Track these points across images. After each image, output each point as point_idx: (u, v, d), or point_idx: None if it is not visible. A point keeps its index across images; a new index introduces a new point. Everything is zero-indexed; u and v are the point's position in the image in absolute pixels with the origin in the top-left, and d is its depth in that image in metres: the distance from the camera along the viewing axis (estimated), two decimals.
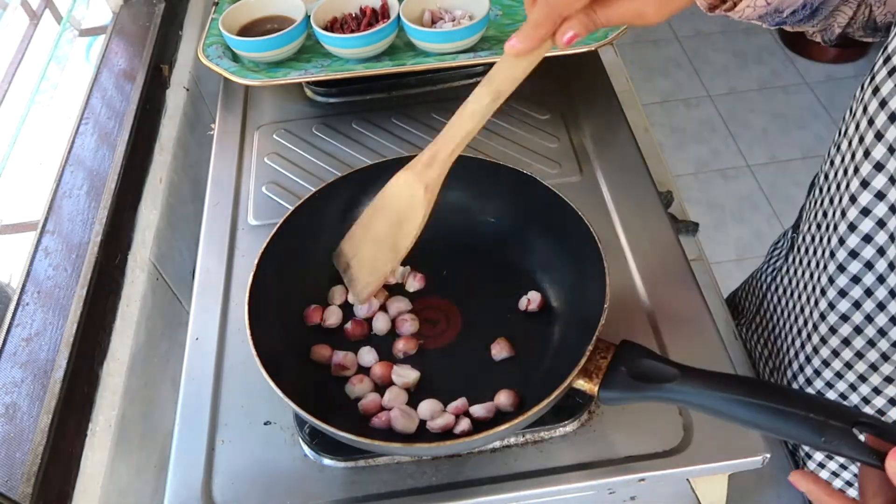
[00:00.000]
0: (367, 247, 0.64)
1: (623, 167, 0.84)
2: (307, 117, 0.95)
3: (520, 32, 0.50)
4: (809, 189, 0.72)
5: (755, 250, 2.10)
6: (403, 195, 0.60)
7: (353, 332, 0.67)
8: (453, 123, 0.57)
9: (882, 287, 0.60)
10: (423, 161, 0.59)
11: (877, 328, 0.62)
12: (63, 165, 0.85)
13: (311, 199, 0.70)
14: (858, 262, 0.61)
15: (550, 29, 0.49)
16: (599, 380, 0.54)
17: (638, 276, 0.73)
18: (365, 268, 0.65)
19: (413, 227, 0.60)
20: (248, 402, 0.67)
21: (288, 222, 0.68)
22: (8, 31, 0.92)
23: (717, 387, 0.49)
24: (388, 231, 0.62)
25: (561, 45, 0.50)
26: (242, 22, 0.93)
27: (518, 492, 0.60)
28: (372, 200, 0.63)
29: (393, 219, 0.61)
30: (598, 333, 0.56)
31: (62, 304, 0.72)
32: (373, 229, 0.63)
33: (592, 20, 0.49)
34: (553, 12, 0.49)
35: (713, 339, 0.68)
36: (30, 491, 0.60)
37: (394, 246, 0.62)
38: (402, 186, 0.60)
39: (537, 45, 0.50)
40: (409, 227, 0.60)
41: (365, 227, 0.64)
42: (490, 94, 0.54)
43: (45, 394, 0.66)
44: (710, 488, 0.66)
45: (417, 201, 0.59)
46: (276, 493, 0.61)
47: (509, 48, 0.51)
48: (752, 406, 0.46)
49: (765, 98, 2.54)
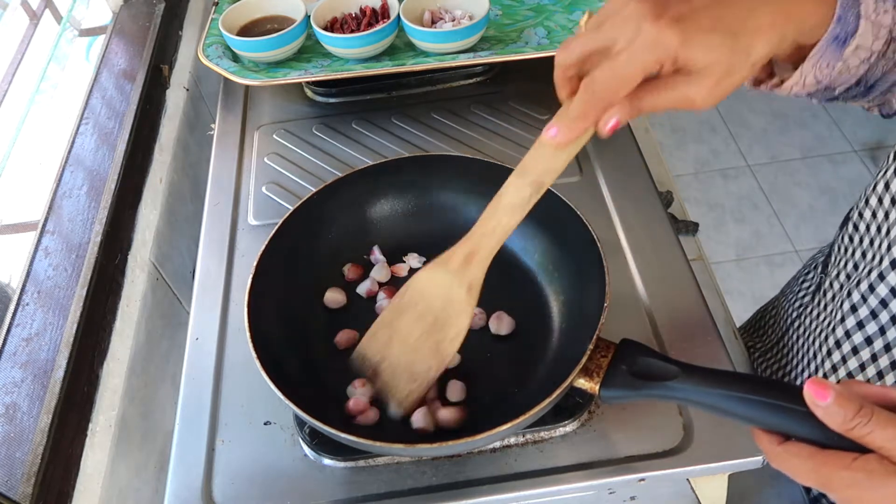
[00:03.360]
0: (399, 350, 0.59)
1: (623, 167, 0.84)
2: (307, 117, 0.95)
3: (560, 123, 0.47)
4: (843, 223, 0.69)
5: (755, 250, 2.10)
6: (440, 295, 0.56)
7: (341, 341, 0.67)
8: (490, 216, 0.54)
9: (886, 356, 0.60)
10: (460, 259, 0.55)
11: None
12: (63, 165, 0.86)
13: (311, 199, 0.70)
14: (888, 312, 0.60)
15: (594, 120, 0.46)
16: (600, 378, 0.54)
17: (638, 276, 0.73)
18: (402, 375, 0.59)
19: (458, 331, 0.56)
20: (248, 402, 0.67)
21: (287, 223, 0.68)
22: (8, 31, 0.92)
23: (718, 384, 0.48)
24: (424, 333, 0.57)
25: (603, 133, 0.47)
26: (242, 22, 0.93)
27: (518, 492, 0.60)
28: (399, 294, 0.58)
29: (428, 320, 0.57)
30: (598, 332, 0.56)
31: (62, 304, 0.73)
32: (402, 330, 0.58)
33: (636, 107, 0.46)
34: (598, 103, 0.46)
35: (713, 339, 0.68)
36: (30, 491, 0.60)
37: (435, 350, 0.57)
38: (438, 285, 0.56)
39: (580, 136, 0.48)
40: (452, 331, 0.56)
41: (391, 328, 0.59)
42: (530, 187, 0.51)
43: (45, 394, 0.66)
44: (710, 488, 0.66)
45: (460, 304, 0.56)
46: (276, 493, 0.61)
47: (550, 140, 0.48)
48: (754, 403, 0.45)
49: (765, 98, 2.54)
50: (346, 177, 0.72)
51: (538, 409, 0.53)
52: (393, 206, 0.75)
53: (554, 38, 0.90)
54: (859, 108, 0.59)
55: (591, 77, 0.46)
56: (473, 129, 0.90)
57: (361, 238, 0.74)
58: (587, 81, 0.46)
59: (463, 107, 0.93)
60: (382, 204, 0.75)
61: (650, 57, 0.44)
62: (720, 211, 2.22)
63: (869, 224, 0.63)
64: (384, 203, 0.75)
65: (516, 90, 0.95)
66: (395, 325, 0.59)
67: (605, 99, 0.46)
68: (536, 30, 0.92)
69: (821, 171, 2.29)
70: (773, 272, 2.05)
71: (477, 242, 0.55)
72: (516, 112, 0.92)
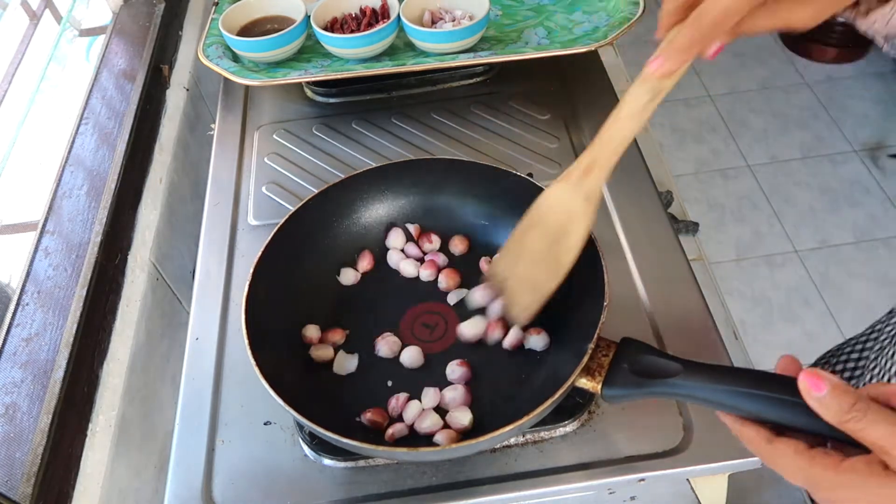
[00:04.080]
0: (524, 266, 0.61)
1: (623, 167, 0.84)
2: (307, 117, 0.95)
3: (666, 54, 0.48)
4: None
5: (755, 250, 2.10)
6: (560, 208, 0.57)
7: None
8: (609, 127, 0.54)
9: None
10: (581, 169, 0.55)
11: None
12: (63, 165, 0.85)
13: (312, 200, 0.70)
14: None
15: (700, 50, 0.47)
16: (602, 377, 0.54)
17: (638, 276, 0.73)
18: (525, 288, 0.61)
19: (576, 240, 0.57)
20: (248, 402, 0.67)
21: (288, 224, 0.68)
22: (8, 31, 0.92)
23: (720, 379, 0.48)
24: (547, 248, 0.59)
25: (707, 56, 0.48)
26: (242, 22, 0.93)
27: (518, 492, 0.60)
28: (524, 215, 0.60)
29: (551, 235, 0.58)
30: (598, 331, 0.56)
31: (62, 304, 0.72)
32: (528, 247, 0.60)
33: (738, 31, 0.47)
34: (706, 35, 0.46)
35: (713, 339, 0.68)
36: (30, 491, 0.60)
37: (555, 262, 0.58)
38: (559, 199, 0.57)
39: (684, 65, 0.49)
40: (570, 241, 0.57)
41: (518, 244, 0.61)
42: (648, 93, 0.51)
43: (45, 394, 0.66)
44: (710, 488, 0.66)
45: (578, 213, 0.56)
46: (276, 493, 0.61)
47: (654, 70, 0.49)
48: (757, 397, 0.45)
49: (765, 98, 2.54)
50: (347, 178, 0.72)
51: (540, 409, 0.53)
52: (394, 208, 0.75)
53: (554, 38, 0.90)
54: (859, 108, 0.59)
55: (701, 10, 0.46)
56: (473, 129, 0.90)
57: (362, 239, 0.74)
58: (696, 14, 0.46)
59: (463, 107, 0.93)
60: (383, 206, 0.75)
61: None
62: (720, 211, 2.22)
63: None
64: (385, 205, 0.75)
65: (516, 90, 0.94)
66: (522, 242, 0.61)
67: (714, 31, 0.46)
68: (536, 30, 0.92)
69: (821, 171, 2.29)
70: (773, 272, 2.04)
71: (596, 152, 0.55)
72: (516, 112, 0.92)
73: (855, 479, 0.40)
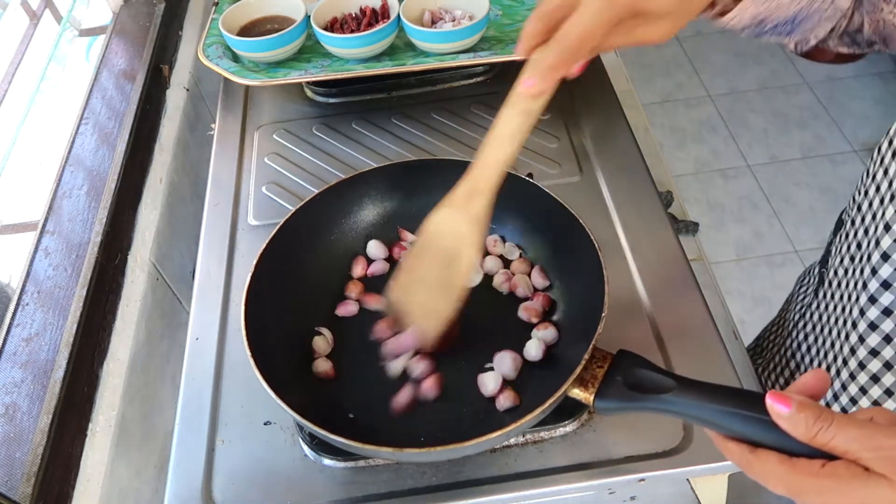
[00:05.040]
0: (418, 292, 0.61)
1: (623, 167, 0.84)
2: (307, 117, 0.95)
3: (535, 74, 0.50)
4: (837, 226, 0.70)
5: (755, 250, 2.10)
6: (448, 233, 0.57)
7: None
8: (485, 150, 0.55)
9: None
10: (462, 196, 0.56)
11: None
12: (63, 165, 0.86)
13: (312, 201, 0.70)
14: (891, 293, 0.60)
15: (566, 69, 0.50)
16: (595, 389, 0.54)
17: (638, 276, 0.73)
18: (425, 314, 0.61)
19: (464, 264, 0.57)
20: (248, 402, 0.67)
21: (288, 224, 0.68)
22: (8, 31, 0.92)
23: (714, 399, 0.48)
24: (439, 273, 0.59)
25: (572, 75, 0.51)
26: (242, 22, 0.93)
27: (518, 492, 0.60)
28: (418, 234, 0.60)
29: (440, 259, 0.58)
30: (594, 343, 0.55)
31: (62, 304, 0.73)
32: (420, 273, 0.60)
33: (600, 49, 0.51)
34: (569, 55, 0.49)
35: (713, 339, 0.68)
36: (30, 491, 0.60)
37: (449, 286, 0.59)
38: (447, 224, 0.57)
39: (554, 84, 0.51)
40: (459, 265, 0.58)
41: (410, 272, 0.61)
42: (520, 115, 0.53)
43: (45, 394, 0.66)
44: (710, 488, 0.66)
45: (464, 238, 0.57)
46: (276, 493, 0.61)
47: (526, 91, 0.51)
48: (750, 420, 0.45)
49: (765, 98, 2.54)
50: (348, 179, 0.72)
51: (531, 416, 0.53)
52: (394, 208, 0.75)
53: None
54: (859, 108, 0.60)
55: (563, 32, 0.49)
56: (473, 129, 0.90)
57: (361, 239, 0.74)
58: (559, 37, 0.49)
59: (463, 107, 0.93)
60: (384, 206, 0.75)
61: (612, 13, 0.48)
62: (720, 211, 2.22)
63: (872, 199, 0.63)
64: (385, 205, 0.75)
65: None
66: (413, 269, 0.61)
67: (578, 51, 0.49)
68: None
69: (821, 171, 2.29)
70: (773, 272, 2.05)
71: (476, 177, 0.56)
72: None
73: (838, 483, 0.40)
